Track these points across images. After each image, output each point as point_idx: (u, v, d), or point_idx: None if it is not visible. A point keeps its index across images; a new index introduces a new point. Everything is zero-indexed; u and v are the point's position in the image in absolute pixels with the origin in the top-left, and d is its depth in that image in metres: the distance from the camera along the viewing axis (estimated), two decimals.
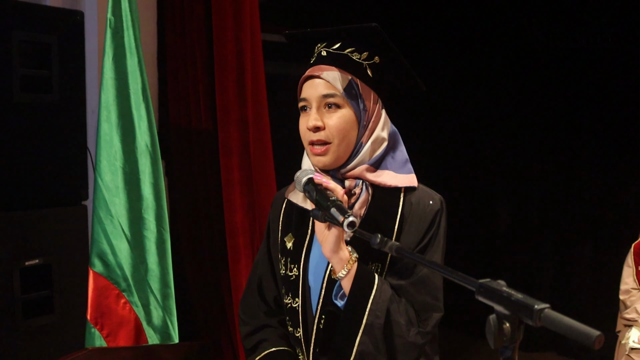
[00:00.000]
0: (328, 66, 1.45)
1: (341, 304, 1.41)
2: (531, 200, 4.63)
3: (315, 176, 1.37)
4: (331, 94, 1.44)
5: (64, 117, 2.43)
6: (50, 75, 2.38)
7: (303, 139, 1.49)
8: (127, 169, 2.26)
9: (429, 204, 1.49)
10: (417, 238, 1.47)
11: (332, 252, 1.36)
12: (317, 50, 1.49)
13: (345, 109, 1.45)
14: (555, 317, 0.83)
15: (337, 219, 1.24)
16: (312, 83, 1.46)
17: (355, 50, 1.45)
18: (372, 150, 1.48)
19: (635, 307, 3.02)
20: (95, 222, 2.28)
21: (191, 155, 3.26)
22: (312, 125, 1.43)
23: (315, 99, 1.45)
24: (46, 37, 2.37)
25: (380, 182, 1.47)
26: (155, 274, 2.28)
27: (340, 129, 1.44)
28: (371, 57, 1.46)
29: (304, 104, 1.48)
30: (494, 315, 0.91)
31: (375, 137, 1.48)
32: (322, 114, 1.45)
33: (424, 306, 1.46)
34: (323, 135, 1.44)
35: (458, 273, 0.99)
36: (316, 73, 1.45)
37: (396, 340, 1.39)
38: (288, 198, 1.54)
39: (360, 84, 1.45)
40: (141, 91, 2.30)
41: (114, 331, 2.24)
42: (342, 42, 1.46)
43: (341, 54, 1.45)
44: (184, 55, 3.23)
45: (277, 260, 1.59)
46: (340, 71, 1.44)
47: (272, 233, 1.62)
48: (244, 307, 1.68)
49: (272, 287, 1.62)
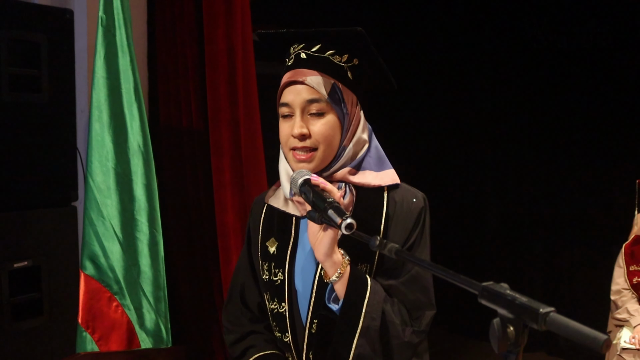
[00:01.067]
0: (309, 70, 1.41)
1: (336, 308, 1.39)
2: (521, 200, 4.65)
3: (312, 177, 1.35)
4: (316, 99, 1.40)
5: (54, 116, 2.40)
6: (40, 74, 2.35)
7: (284, 145, 1.45)
8: (119, 170, 2.23)
9: (413, 202, 1.48)
10: (403, 237, 1.46)
11: (326, 255, 1.34)
12: (294, 52, 1.44)
13: (329, 114, 1.42)
14: (561, 321, 0.82)
15: (334, 221, 1.22)
16: (294, 88, 1.41)
17: (336, 53, 1.42)
18: (354, 153, 1.47)
19: (627, 307, 3.04)
20: (86, 223, 2.25)
21: (182, 155, 3.23)
22: (298, 133, 1.40)
23: (299, 104, 1.41)
24: (35, 35, 2.34)
25: (363, 183, 1.46)
26: (147, 277, 2.25)
27: (326, 136, 1.41)
28: (351, 60, 1.44)
29: (287, 110, 1.43)
30: (498, 319, 0.90)
31: (356, 139, 1.47)
32: (306, 120, 1.41)
33: (417, 305, 1.46)
34: (309, 143, 1.41)
35: (460, 276, 0.98)
36: (299, 78, 1.40)
37: (392, 341, 1.39)
38: (269, 203, 1.53)
39: (342, 87, 1.43)
40: (133, 90, 2.27)
41: (105, 335, 2.21)
42: (321, 44, 1.42)
43: (322, 57, 1.42)
44: (174, 55, 3.20)
45: (259, 266, 1.57)
46: (322, 75, 1.41)
47: (253, 239, 1.60)
48: (227, 315, 1.66)
49: (255, 294, 1.61)
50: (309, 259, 1.46)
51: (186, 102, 3.19)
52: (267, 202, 1.55)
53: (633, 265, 3.16)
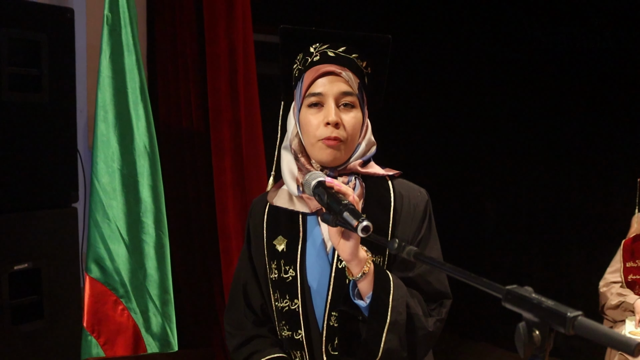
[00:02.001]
0: (341, 66, 1.46)
1: (364, 305, 1.39)
2: (520, 199, 4.66)
3: (327, 179, 1.33)
4: (349, 92, 1.45)
5: (54, 116, 2.37)
6: (40, 74, 2.31)
7: (312, 135, 1.46)
8: (125, 171, 2.21)
9: (418, 195, 1.53)
10: (412, 230, 1.50)
11: (352, 255, 1.34)
12: (319, 50, 1.47)
13: (357, 109, 1.48)
14: (590, 325, 0.81)
15: (350, 224, 1.21)
16: (330, 79, 1.45)
17: (359, 57, 1.48)
18: (364, 151, 1.52)
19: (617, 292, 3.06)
20: (91, 225, 2.22)
21: (182, 156, 3.21)
22: (334, 120, 1.42)
23: (333, 95, 1.45)
24: (36, 34, 2.30)
25: (371, 172, 1.51)
26: (154, 280, 2.22)
27: (355, 128, 1.47)
28: (368, 67, 1.51)
29: (318, 99, 1.46)
30: (523, 322, 0.88)
31: (367, 138, 1.52)
32: (337, 112, 1.45)
33: (435, 295, 1.49)
34: (339, 133, 1.44)
35: (483, 279, 0.96)
36: (337, 70, 1.45)
37: (418, 332, 1.42)
38: (272, 203, 1.53)
39: (363, 89, 1.50)
40: (139, 90, 2.25)
41: (111, 339, 2.18)
42: (346, 47, 1.47)
43: (349, 58, 1.47)
44: (174, 55, 3.18)
45: (263, 266, 1.56)
46: (352, 73, 1.47)
47: (255, 239, 1.59)
48: (229, 319, 1.64)
49: (258, 295, 1.59)
50: (321, 254, 1.47)
51: (186, 102, 3.16)
52: (270, 202, 1.54)
53: (630, 262, 3.17)
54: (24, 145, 2.28)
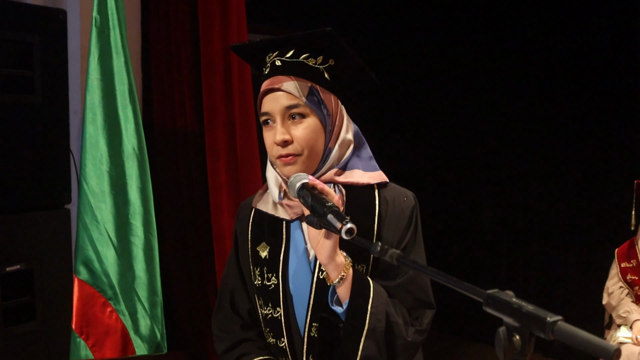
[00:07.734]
0: (285, 76, 1.42)
1: (340, 311, 1.38)
2: (516, 202, 4.64)
3: (310, 180, 1.33)
4: (294, 104, 1.41)
5: (47, 118, 2.37)
6: (32, 75, 2.31)
7: (270, 153, 1.46)
8: (114, 173, 2.20)
9: (404, 200, 1.50)
10: (397, 236, 1.47)
11: (329, 258, 1.33)
12: (270, 60, 1.45)
13: (310, 117, 1.42)
14: (569, 330, 0.81)
15: (334, 226, 1.20)
16: (273, 96, 1.42)
17: (310, 56, 1.43)
18: (340, 155, 1.48)
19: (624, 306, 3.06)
20: (80, 228, 2.22)
21: (176, 157, 3.20)
22: (280, 140, 1.40)
23: (278, 112, 1.42)
24: (28, 36, 2.30)
25: (352, 182, 1.47)
26: (142, 282, 2.22)
27: (308, 140, 1.42)
28: (326, 61, 1.45)
29: (266, 118, 1.44)
30: (504, 327, 0.88)
31: (341, 140, 1.47)
32: (287, 126, 1.42)
33: (417, 304, 1.47)
34: (292, 149, 1.41)
35: (464, 283, 0.96)
36: (275, 85, 1.41)
37: (397, 342, 1.40)
38: (257, 207, 1.52)
39: (320, 89, 1.43)
40: (128, 92, 2.24)
41: (100, 341, 2.17)
42: (294, 49, 1.43)
43: (296, 62, 1.42)
44: (169, 55, 3.17)
45: (248, 272, 1.55)
46: (298, 80, 1.41)
47: (241, 244, 1.59)
48: (217, 322, 1.63)
49: (245, 300, 1.59)
50: (303, 262, 1.46)
51: (181, 103, 3.16)
52: (255, 207, 1.54)
53: (624, 262, 3.17)
54: (16, 146, 2.28)
